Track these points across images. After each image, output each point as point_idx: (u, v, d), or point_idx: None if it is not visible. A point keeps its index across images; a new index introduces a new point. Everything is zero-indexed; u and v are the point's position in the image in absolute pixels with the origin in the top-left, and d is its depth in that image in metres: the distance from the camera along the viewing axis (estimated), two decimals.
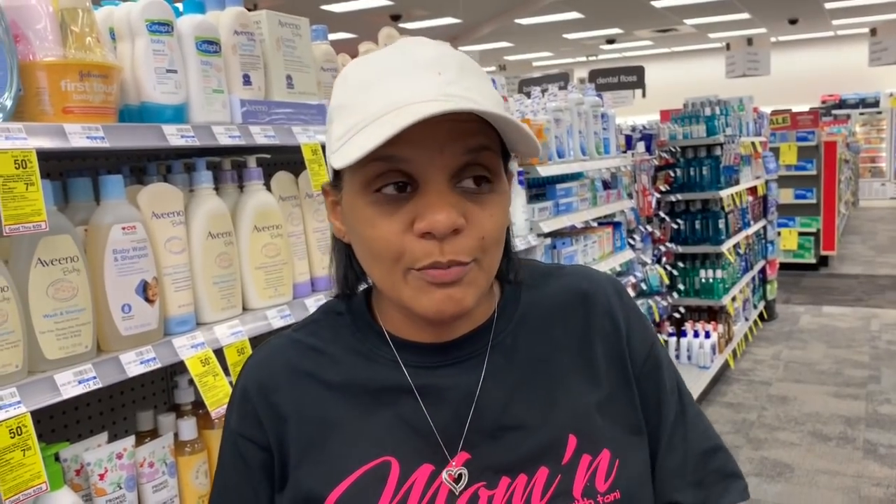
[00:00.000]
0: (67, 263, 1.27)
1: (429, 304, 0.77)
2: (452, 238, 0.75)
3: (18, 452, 1.15)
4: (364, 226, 0.78)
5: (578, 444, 0.83)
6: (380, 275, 0.80)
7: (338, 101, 0.80)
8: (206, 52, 1.53)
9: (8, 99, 1.20)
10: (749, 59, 11.06)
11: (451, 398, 0.84)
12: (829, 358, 6.21)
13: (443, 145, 0.74)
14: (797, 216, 9.95)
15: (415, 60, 0.76)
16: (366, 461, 0.82)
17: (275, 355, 0.90)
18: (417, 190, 0.76)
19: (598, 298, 0.93)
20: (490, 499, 0.80)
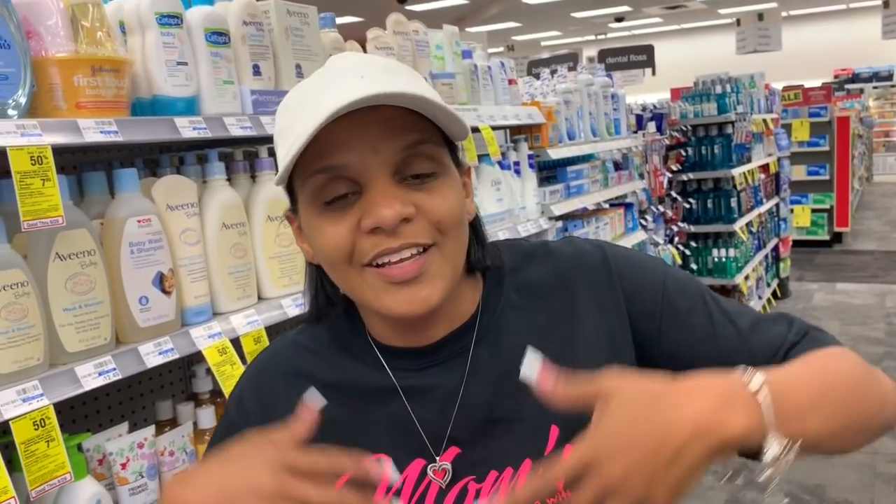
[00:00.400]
0: (85, 257, 1.29)
1: (392, 303, 0.78)
2: (403, 226, 0.76)
3: (42, 444, 1.17)
4: (317, 236, 0.79)
5: (560, 435, 0.83)
6: (342, 280, 0.82)
7: (277, 129, 0.82)
8: (216, 44, 1.53)
9: (22, 96, 1.21)
10: (760, 35, 10.93)
11: (435, 397, 0.86)
12: (843, 335, 6.19)
13: (376, 145, 0.75)
14: (810, 193, 9.87)
15: (338, 71, 0.78)
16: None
17: (276, 357, 0.95)
18: (361, 192, 0.77)
19: (583, 276, 0.90)
20: (478, 492, 0.82)
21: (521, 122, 2.80)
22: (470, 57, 2.61)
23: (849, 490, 3.72)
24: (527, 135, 3.01)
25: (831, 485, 3.78)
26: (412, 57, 2.24)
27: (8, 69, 1.19)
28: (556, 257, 0.92)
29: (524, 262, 0.93)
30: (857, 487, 3.74)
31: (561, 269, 0.91)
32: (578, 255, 0.92)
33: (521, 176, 2.83)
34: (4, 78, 1.19)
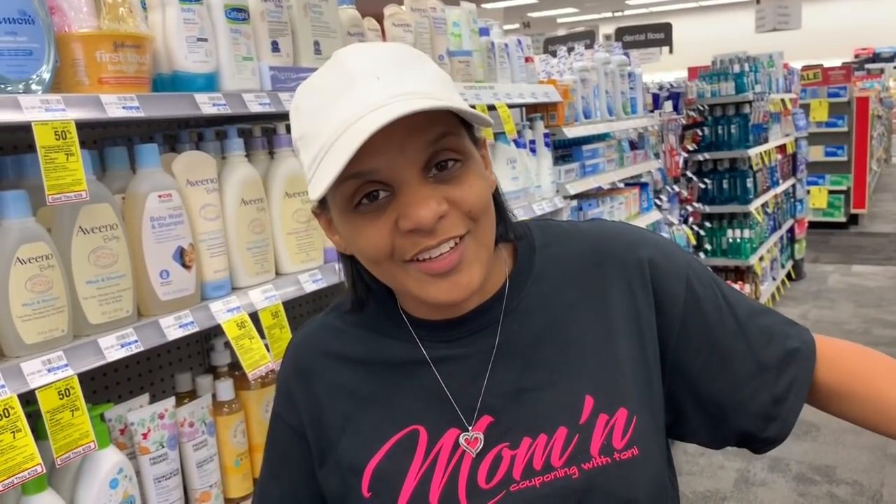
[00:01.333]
0: (107, 231, 1.31)
1: (437, 293, 0.81)
2: (439, 222, 0.78)
3: (67, 413, 1.20)
4: (356, 237, 0.82)
5: (595, 404, 0.86)
6: (384, 275, 0.85)
7: (297, 133, 0.83)
8: (235, 20, 1.54)
9: (46, 71, 1.23)
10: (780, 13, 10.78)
11: (466, 367, 0.89)
12: (857, 317, 6.17)
13: (402, 146, 0.77)
14: (827, 174, 9.79)
15: (351, 73, 0.78)
16: (396, 431, 0.88)
17: (308, 340, 0.98)
18: (395, 193, 0.79)
19: (613, 255, 0.93)
20: (513, 458, 0.84)
21: (538, 100, 2.80)
22: (487, 34, 2.60)
23: (859, 471, 3.73)
24: (543, 113, 3.00)
25: (841, 465, 3.80)
26: (429, 34, 2.24)
27: (32, 45, 1.20)
28: (589, 237, 0.95)
29: (557, 239, 0.96)
30: (868, 469, 3.75)
31: (594, 248, 0.94)
32: (608, 237, 0.95)
33: (536, 154, 2.83)
34: (28, 53, 1.20)
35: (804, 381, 0.94)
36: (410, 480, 0.85)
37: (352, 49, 0.82)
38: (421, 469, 0.85)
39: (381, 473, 0.87)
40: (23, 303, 1.19)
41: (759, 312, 0.96)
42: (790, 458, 3.91)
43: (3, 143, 1.56)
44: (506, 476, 0.84)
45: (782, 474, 3.77)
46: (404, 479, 0.85)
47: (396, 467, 0.86)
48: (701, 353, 0.92)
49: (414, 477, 0.85)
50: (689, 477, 3.80)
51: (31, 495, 1.20)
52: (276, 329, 1.57)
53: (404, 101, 0.74)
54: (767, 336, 0.94)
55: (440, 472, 0.85)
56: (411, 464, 0.86)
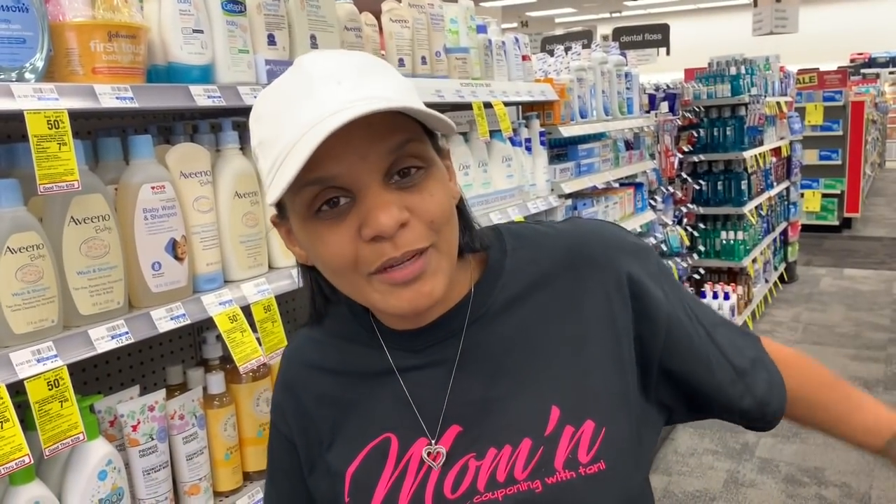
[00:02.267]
0: (99, 222, 1.30)
1: (398, 303, 0.79)
2: (401, 232, 0.76)
3: (56, 404, 1.19)
4: (316, 244, 0.80)
5: (561, 416, 0.83)
6: (347, 287, 0.83)
7: (257, 140, 0.81)
8: (232, 12, 1.53)
9: (39, 60, 1.22)
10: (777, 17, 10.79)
11: (431, 377, 0.88)
12: (849, 321, 6.19)
13: (364, 153, 0.75)
14: (821, 177, 9.82)
15: (312, 77, 0.76)
16: (372, 438, 0.89)
17: (294, 353, 1.00)
18: (355, 198, 0.77)
19: (589, 258, 0.90)
20: (478, 469, 0.83)
21: (534, 98, 2.80)
22: (484, 32, 2.60)
23: (848, 473, 3.75)
24: (539, 112, 3.00)
25: (830, 468, 3.81)
26: (426, 30, 2.23)
27: (26, 33, 1.20)
28: (565, 238, 0.92)
29: (529, 242, 0.93)
30: (857, 471, 3.77)
31: (568, 251, 0.91)
32: (584, 239, 0.92)
33: (531, 153, 2.83)
34: (22, 41, 1.20)
35: (780, 383, 0.99)
36: (381, 488, 0.86)
37: (314, 54, 0.80)
38: (392, 477, 0.86)
39: (358, 479, 0.88)
40: (13, 292, 1.18)
41: (717, 322, 0.98)
42: (780, 460, 3.92)
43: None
44: (470, 487, 0.83)
45: (771, 475, 3.78)
46: (376, 487, 0.86)
47: (370, 474, 0.88)
48: (687, 361, 0.92)
49: (385, 485, 0.86)
50: (679, 477, 3.81)
51: (18, 486, 1.20)
52: (267, 323, 1.56)
53: (365, 104, 0.72)
54: (732, 344, 0.96)
55: (409, 480, 0.85)
56: (383, 471, 0.87)
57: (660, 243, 4.59)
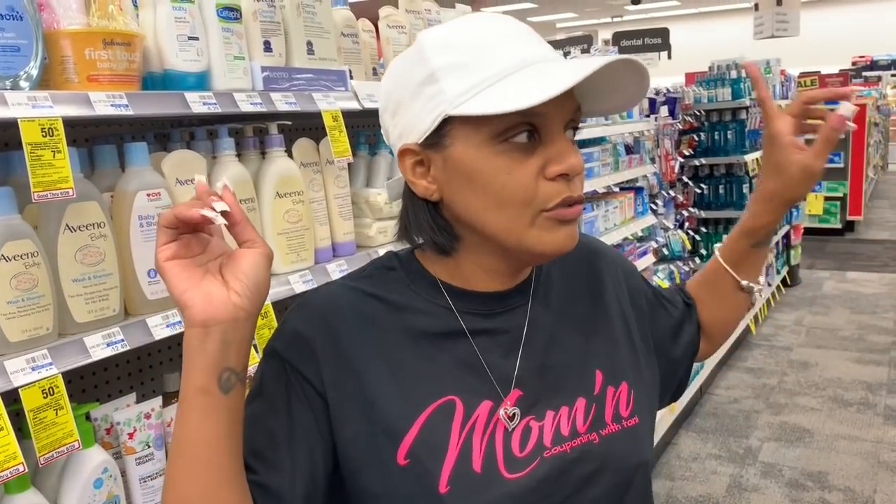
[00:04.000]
0: (94, 229, 1.30)
1: (553, 241, 0.86)
2: (577, 178, 0.86)
3: (51, 412, 1.19)
4: (496, 174, 0.83)
5: (604, 378, 0.96)
6: (504, 222, 0.85)
7: (447, 62, 0.83)
8: (227, 19, 1.53)
9: (34, 68, 1.22)
10: (778, 20, 10.79)
11: (502, 341, 0.93)
12: (852, 324, 6.17)
13: (563, 103, 0.83)
14: (823, 180, 9.80)
15: (518, 28, 0.86)
16: (433, 400, 0.89)
17: (335, 299, 0.93)
18: (539, 141, 0.84)
19: (602, 256, 1.09)
20: (541, 428, 0.90)
21: None
22: None
23: (852, 478, 3.73)
24: None
25: (834, 472, 3.80)
26: None
27: (20, 41, 1.20)
28: (581, 242, 1.06)
29: None
30: (860, 475, 3.75)
31: (584, 250, 1.06)
32: (595, 242, 1.13)
33: None
34: (16, 50, 1.20)
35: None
36: (452, 450, 0.87)
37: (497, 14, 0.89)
38: (461, 438, 0.87)
39: (422, 441, 0.86)
40: (7, 300, 1.18)
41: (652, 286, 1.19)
42: (783, 464, 3.91)
43: None
44: (538, 444, 0.89)
45: (775, 480, 3.76)
46: (447, 449, 0.86)
47: (436, 437, 0.87)
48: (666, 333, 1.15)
49: (456, 445, 0.87)
50: (683, 482, 3.79)
51: (13, 494, 1.19)
52: (264, 329, 1.56)
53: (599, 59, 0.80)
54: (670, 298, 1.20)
55: (477, 441, 0.88)
56: (450, 434, 0.87)
57: (661, 247, 4.58)
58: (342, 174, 1.87)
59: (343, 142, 1.72)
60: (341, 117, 1.73)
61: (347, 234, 1.88)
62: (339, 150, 1.71)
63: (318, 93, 1.72)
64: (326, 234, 1.83)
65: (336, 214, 1.86)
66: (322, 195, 1.82)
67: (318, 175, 1.81)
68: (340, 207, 1.86)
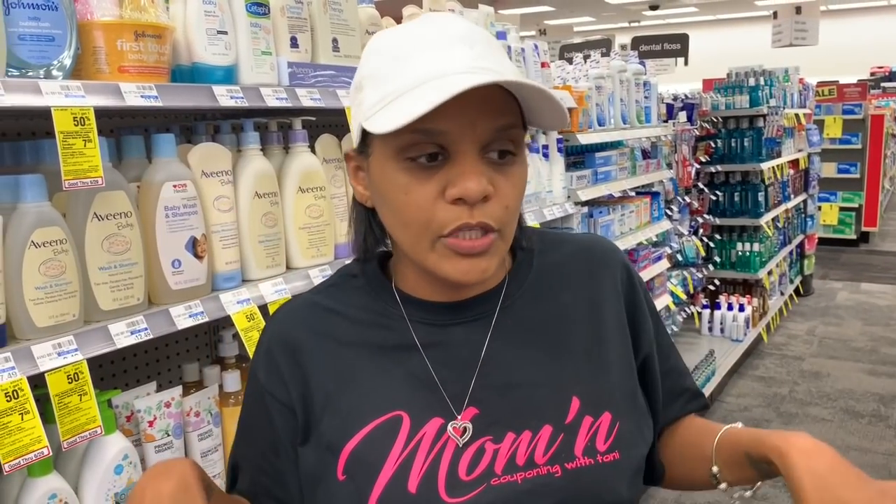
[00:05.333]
0: (121, 219, 1.32)
1: (453, 270, 0.82)
2: (481, 204, 0.80)
3: (76, 397, 1.21)
4: (396, 192, 0.81)
5: (581, 406, 0.88)
6: (408, 240, 0.84)
7: (370, 70, 0.83)
8: (256, 14, 1.55)
9: (67, 58, 1.24)
10: (797, 29, 10.75)
11: (458, 355, 0.89)
12: (865, 335, 6.14)
13: (475, 120, 0.78)
14: (839, 191, 9.76)
15: (447, 34, 0.80)
16: (379, 414, 0.86)
17: (296, 315, 0.95)
18: (448, 159, 0.79)
19: (607, 266, 0.98)
20: (495, 452, 0.84)
21: None
22: (504, 38, 2.61)
23: None
24: None
25: None
26: None
27: (54, 31, 1.21)
28: (582, 245, 1.00)
29: (552, 246, 1.00)
30: None
31: (586, 257, 0.99)
32: (603, 249, 1.01)
33: (549, 160, 2.83)
34: (51, 39, 1.21)
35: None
36: (389, 467, 0.84)
37: (448, 15, 0.84)
38: (401, 456, 0.84)
39: (358, 457, 0.85)
40: (35, 286, 1.20)
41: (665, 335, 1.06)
42: None
43: (21, 129, 1.58)
44: (487, 469, 0.84)
45: (785, 490, 3.74)
46: (382, 465, 0.84)
47: (375, 452, 0.85)
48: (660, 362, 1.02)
49: (393, 463, 0.84)
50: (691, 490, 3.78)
51: (36, 477, 1.21)
52: None
53: (498, 75, 0.76)
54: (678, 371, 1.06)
55: (420, 460, 0.84)
56: (391, 450, 0.84)
57: (675, 253, 4.57)
58: None
59: None
60: None
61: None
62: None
63: (341, 89, 1.74)
64: (346, 230, 1.84)
65: None
66: (343, 191, 1.83)
67: (339, 171, 1.82)
68: None
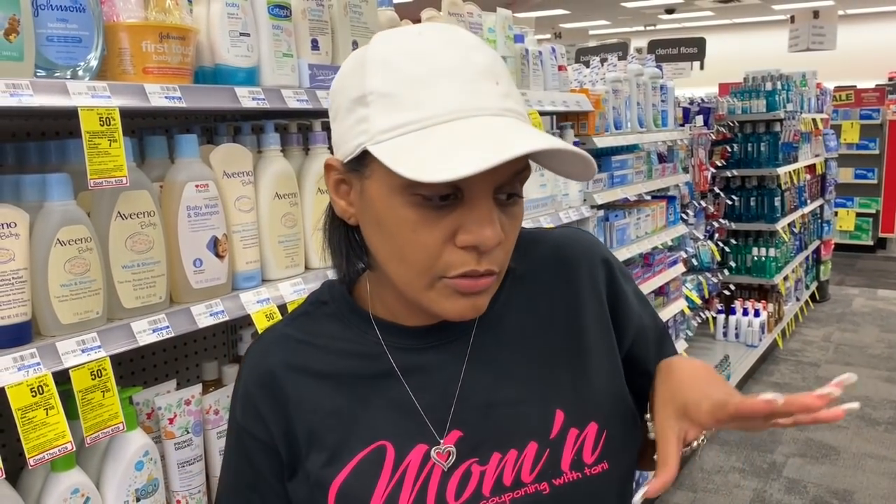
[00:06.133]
0: (145, 218, 1.34)
1: (452, 308, 0.78)
2: (495, 250, 0.77)
3: (98, 393, 1.22)
4: (401, 227, 0.76)
5: (565, 419, 0.85)
6: (404, 276, 0.79)
7: (378, 86, 0.74)
8: (278, 17, 1.57)
9: (94, 59, 1.26)
10: (814, 33, 10.69)
11: (437, 379, 0.86)
12: (881, 342, 6.09)
13: (497, 167, 0.70)
14: (856, 196, 9.69)
15: (471, 62, 0.74)
16: (363, 446, 0.84)
17: (269, 352, 0.90)
18: (461, 201, 0.74)
19: (583, 264, 0.94)
20: (482, 474, 0.82)
21: (569, 108, 2.80)
22: (522, 41, 2.62)
23: (879, 498, 3.69)
24: (573, 122, 3.01)
25: (860, 491, 3.75)
26: None
27: (82, 32, 1.23)
28: (558, 246, 0.95)
29: (527, 250, 0.93)
30: (888, 495, 3.70)
31: (561, 258, 0.94)
32: (577, 246, 0.96)
33: None
34: (78, 41, 1.23)
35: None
36: (377, 499, 0.82)
37: (461, 33, 0.78)
38: (388, 487, 0.82)
39: (346, 492, 0.83)
40: (61, 283, 1.22)
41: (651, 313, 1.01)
42: (808, 481, 3.87)
43: (46, 129, 1.60)
44: (475, 492, 0.82)
45: (799, 496, 3.73)
46: (370, 499, 0.82)
47: (362, 485, 0.83)
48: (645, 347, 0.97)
49: (381, 495, 0.82)
50: (705, 494, 3.77)
51: (59, 472, 1.23)
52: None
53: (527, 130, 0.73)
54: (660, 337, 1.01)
55: (408, 489, 0.82)
56: (378, 481, 0.82)
57: (690, 258, 4.56)
58: None
59: None
60: None
61: None
62: None
63: None
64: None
65: None
66: None
67: None
68: None
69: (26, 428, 1.12)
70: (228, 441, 0.94)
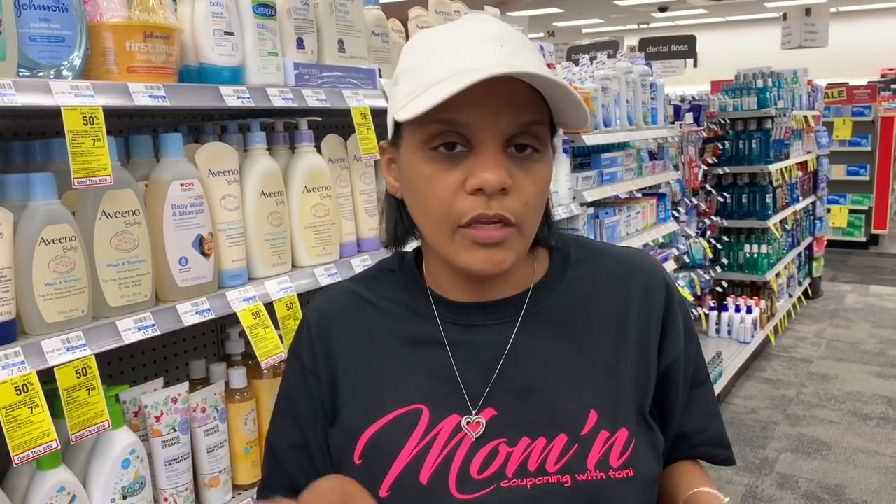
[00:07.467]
0: (129, 216, 1.34)
1: (471, 260, 0.83)
2: (500, 196, 0.81)
3: (84, 392, 1.23)
4: (421, 181, 0.83)
5: (598, 420, 0.88)
6: (431, 230, 0.86)
7: (405, 66, 0.86)
8: (263, 16, 1.57)
9: (77, 58, 1.26)
10: (806, 31, 10.72)
11: (480, 355, 0.90)
12: (873, 338, 6.12)
13: (499, 113, 0.80)
14: (848, 193, 9.72)
15: (481, 32, 0.82)
16: (400, 406, 0.90)
17: (335, 301, 1.00)
18: (471, 151, 0.81)
19: (644, 283, 0.97)
20: (508, 455, 0.86)
21: None
22: None
23: (870, 492, 3.70)
24: None
25: (851, 485, 3.77)
26: None
27: (65, 32, 1.24)
28: (622, 261, 0.99)
29: (592, 256, 0.99)
30: (879, 490, 3.72)
31: (623, 274, 0.97)
32: (641, 268, 0.99)
33: (554, 160, 2.84)
34: (61, 40, 1.24)
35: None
36: (404, 456, 0.87)
37: (485, 17, 0.86)
38: (417, 447, 0.87)
39: (376, 444, 0.89)
40: (45, 282, 1.22)
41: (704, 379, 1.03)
42: (800, 476, 3.89)
43: (31, 129, 1.60)
44: (498, 471, 0.85)
45: (791, 491, 3.74)
46: (398, 454, 0.87)
47: (392, 441, 0.88)
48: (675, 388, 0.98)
49: (408, 454, 0.87)
50: None
51: (45, 470, 1.23)
52: (290, 320, 1.59)
53: (521, 69, 0.77)
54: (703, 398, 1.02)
55: (434, 454, 0.86)
56: (408, 440, 0.87)
57: (682, 255, 4.57)
58: (369, 171, 1.90)
59: (371, 139, 1.75)
60: (370, 115, 1.76)
61: (372, 229, 1.91)
62: (367, 147, 1.74)
63: (347, 90, 1.75)
64: (352, 230, 1.86)
65: (362, 210, 1.89)
66: (349, 190, 1.85)
67: (345, 171, 1.84)
68: (366, 203, 1.89)
69: (11, 426, 1.12)
70: (288, 379, 1.02)
